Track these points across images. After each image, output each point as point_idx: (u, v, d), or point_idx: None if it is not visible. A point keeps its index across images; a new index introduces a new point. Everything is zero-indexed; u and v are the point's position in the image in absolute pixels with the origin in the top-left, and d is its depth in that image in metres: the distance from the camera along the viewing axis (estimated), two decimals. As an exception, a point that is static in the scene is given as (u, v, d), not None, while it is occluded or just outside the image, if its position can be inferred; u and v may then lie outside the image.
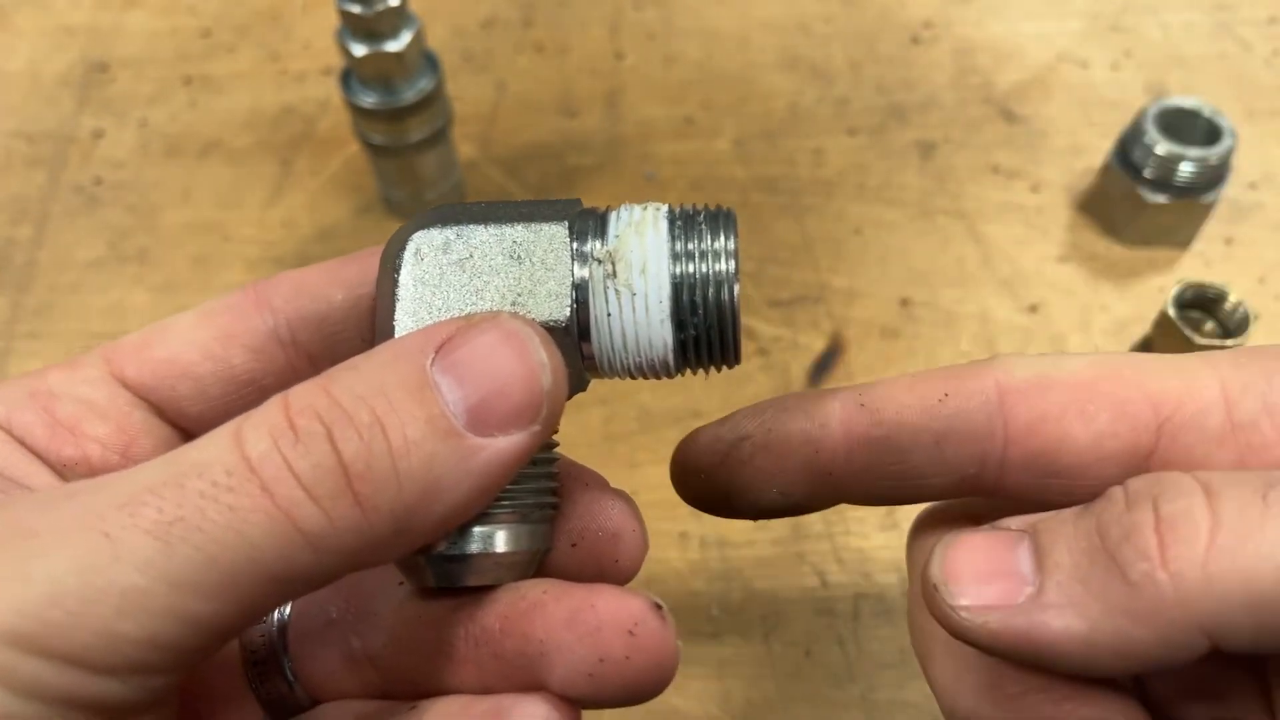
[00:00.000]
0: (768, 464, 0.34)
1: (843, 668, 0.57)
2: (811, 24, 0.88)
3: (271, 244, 0.75)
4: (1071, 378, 0.31)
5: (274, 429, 0.25)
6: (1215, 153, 0.68)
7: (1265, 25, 0.87)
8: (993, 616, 0.28)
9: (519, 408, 0.27)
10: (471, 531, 0.30)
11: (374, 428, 0.25)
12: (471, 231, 0.30)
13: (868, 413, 0.33)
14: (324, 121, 0.82)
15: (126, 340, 0.33)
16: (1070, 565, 0.27)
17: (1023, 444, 0.32)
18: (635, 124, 0.81)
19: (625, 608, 0.29)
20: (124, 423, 0.32)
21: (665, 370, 0.31)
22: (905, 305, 0.70)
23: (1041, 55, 0.85)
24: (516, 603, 0.30)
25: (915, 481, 0.33)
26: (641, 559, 0.33)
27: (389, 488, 0.25)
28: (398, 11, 0.64)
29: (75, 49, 0.87)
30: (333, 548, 0.25)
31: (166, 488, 0.24)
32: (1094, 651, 0.26)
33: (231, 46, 0.87)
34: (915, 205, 0.76)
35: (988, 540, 0.29)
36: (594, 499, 0.33)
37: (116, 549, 0.23)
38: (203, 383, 0.33)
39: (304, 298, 0.33)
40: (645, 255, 0.30)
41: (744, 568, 0.60)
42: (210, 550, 0.23)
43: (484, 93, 0.83)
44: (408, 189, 0.73)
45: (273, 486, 0.24)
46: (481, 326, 0.27)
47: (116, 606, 0.23)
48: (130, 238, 0.75)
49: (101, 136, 0.81)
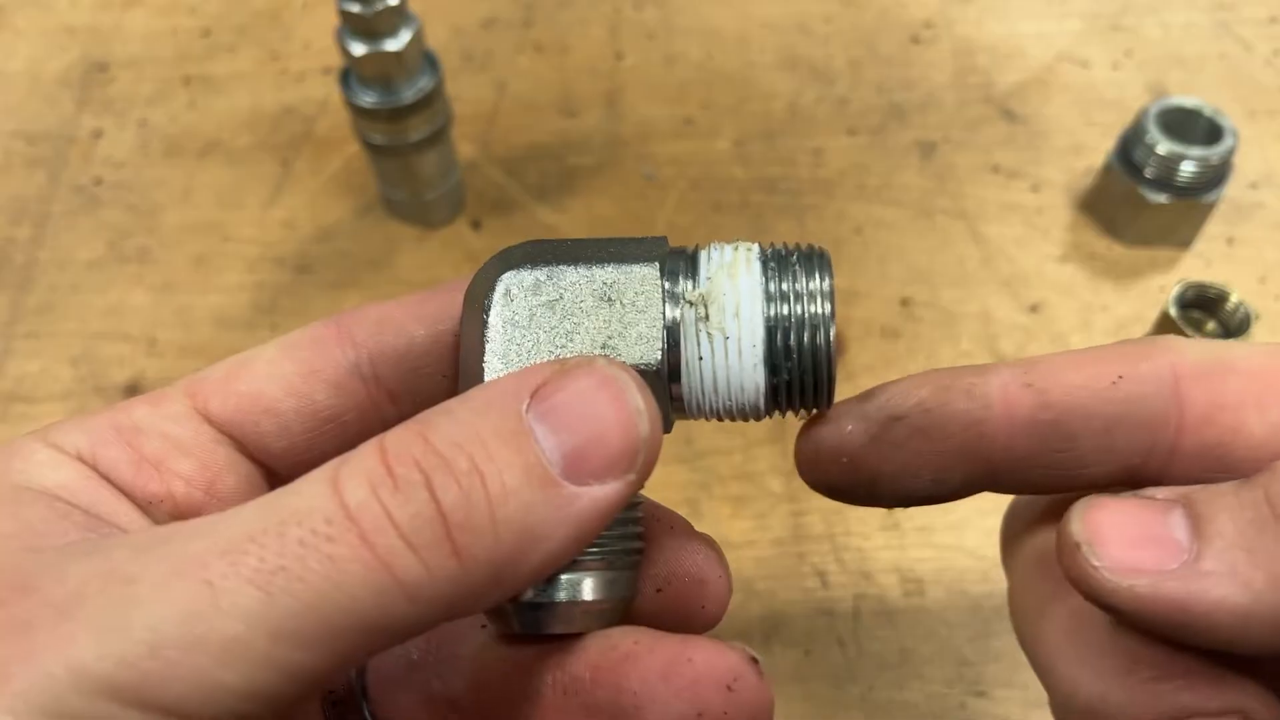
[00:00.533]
0: (924, 449, 0.31)
1: (843, 668, 0.57)
2: (811, 24, 0.88)
3: (271, 244, 0.75)
4: (1248, 365, 0.30)
5: (372, 476, 0.25)
6: (1216, 152, 0.68)
7: (1266, 25, 0.87)
8: (1142, 580, 0.26)
9: (616, 456, 0.26)
10: (559, 579, 0.29)
11: (472, 476, 0.25)
12: (561, 273, 0.30)
13: (1034, 394, 0.30)
14: (324, 121, 0.82)
15: (209, 373, 0.33)
16: (1234, 534, 0.26)
17: (1197, 434, 0.30)
18: (635, 124, 0.81)
19: (723, 661, 0.28)
20: (208, 459, 0.31)
21: (755, 413, 0.31)
22: (906, 305, 0.70)
23: (1042, 55, 0.85)
24: (608, 652, 0.29)
25: (1075, 470, 0.31)
26: (726, 605, 0.32)
27: (486, 537, 0.25)
28: (397, 11, 0.64)
29: (75, 49, 0.87)
30: (429, 598, 0.24)
31: (267, 535, 0.24)
32: (1252, 624, 0.26)
33: (231, 46, 0.87)
34: (915, 205, 0.75)
35: (1137, 505, 0.28)
36: (680, 544, 0.32)
37: (218, 598, 0.23)
38: (285, 419, 0.32)
39: (386, 333, 0.33)
40: (739, 298, 0.29)
41: (744, 568, 0.60)
42: (310, 600, 0.23)
43: (484, 93, 0.83)
44: (408, 189, 0.73)
45: (372, 536, 0.24)
46: (576, 373, 0.27)
47: (217, 657, 0.23)
48: (130, 238, 0.75)
49: (101, 136, 0.81)
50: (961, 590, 0.60)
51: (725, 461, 0.64)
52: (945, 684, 0.57)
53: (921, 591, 0.60)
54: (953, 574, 0.60)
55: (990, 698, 0.57)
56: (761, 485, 0.63)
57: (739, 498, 0.62)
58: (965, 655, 0.58)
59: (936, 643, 0.58)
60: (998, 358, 0.68)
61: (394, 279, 0.73)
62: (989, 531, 0.62)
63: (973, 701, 0.56)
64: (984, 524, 0.62)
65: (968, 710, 0.56)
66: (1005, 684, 0.57)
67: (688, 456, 0.63)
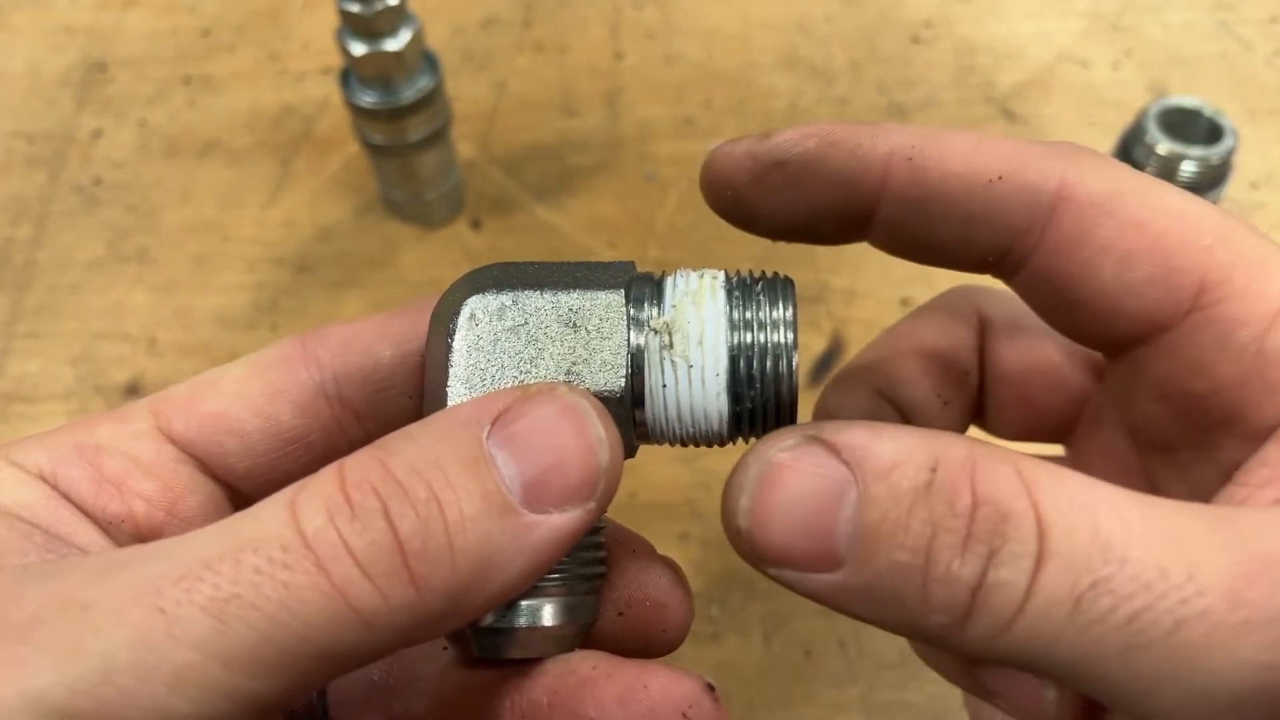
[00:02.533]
0: (800, 195, 0.32)
1: (843, 668, 0.57)
2: (811, 24, 0.88)
3: (271, 244, 0.75)
4: (1135, 215, 0.29)
5: (330, 503, 0.24)
6: (1217, 152, 0.68)
7: (1266, 25, 0.87)
8: None
9: (576, 484, 0.26)
10: (519, 605, 0.29)
11: (430, 504, 0.25)
12: (527, 297, 0.30)
13: (913, 169, 0.30)
14: (324, 121, 0.82)
15: (174, 392, 0.32)
16: None
17: (1050, 258, 0.30)
18: (635, 124, 0.81)
19: (679, 689, 0.28)
20: (170, 480, 0.31)
21: (718, 440, 0.31)
22: (906, 305, 0.70)
23: (1042, 55, 0.85)
24: (566, 677, 0.29)
25: (934, 249, 0.32)
26: (687, 628, 0.32)
27: (444, 566, 0.24)
28: (397, 11, 0.64)
29: (75, 49, 0.87)
30: (386, 625, 0.24)
31: (223, 562, 0.24)
32: None
33: (231, 46, 0.87)
34: (916, 205, 0.75)
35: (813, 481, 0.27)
36: (641, 568, 0.32)
37: (171, 625, 0.23)
38: (249, 439, 0.32)
39: (352, 353, 0.33)
40: (703, 327, 0.29)
41: (744, 568, 0.60)
42: (264, 628, 0.23)
43: (484, 92, 0.83)
44: (407, 189, 0.73)
45: (328, 565, 0.24)
46: (539, 399, 0.27)
47: (170, 684, 0.23)
48: (130, 238, 0.75)
49: (101, 136, 0.81)
50: (962, 590, 0.60)
51: (725, 462, 0.63)
52: (945, 684, 0.57)
53: (921, 591, 0.60)
54: (953, 574, 0.60)
55: (990, 698, 0.57)
56: (761, 485, 0.63)
57: (739, 498, 0.62)
58: (965, 655, 0.58)
59: (937, 643, 0.58)
60: (998, 358, 0.68)
61: (394, 279, 0.73)
62: (989, 531, 0.62)
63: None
64: (984, 524, 0.62)
65: (968, 710, 0.56)
66: (1005, 684, 0.57)
67: (688, 456, 0.63)
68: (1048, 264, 0.30)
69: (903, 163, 0.31)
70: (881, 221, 0.32)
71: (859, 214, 0.32)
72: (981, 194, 0.30)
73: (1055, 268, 0.30)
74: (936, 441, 0.25)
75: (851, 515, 0.25)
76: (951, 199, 0.30)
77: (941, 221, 0.31)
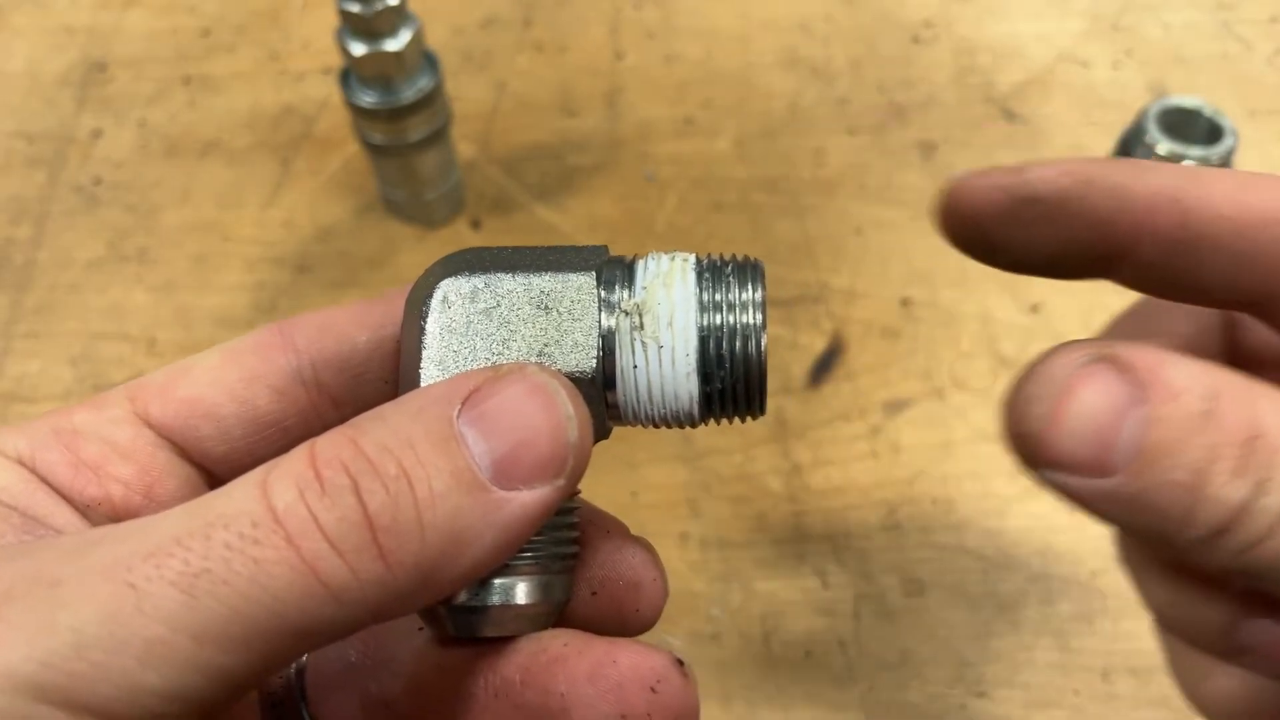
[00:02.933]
0: (1051, 233, 0.31)
1: (843, 668, 0.57)
2: (811, 24, 0.88)
3: (271, 244, 0.75)
4: None
5: (300, 480, 0.25)
6: (1217, 152, 0.68)
7: (1266, 24, 0.87)
8: None
9: (544, 461, 0.27)
10: (492, 583, 0.30)
11: (400, 480, 0.25)
12: (499, 280, 0.30)
13: (1179, 211, 0.30)
14: (324, 121, 0.82)
15: (151, 379, 0.33)
16: None
17: None
18: (635, 124, 0.81)
19: (648, 663, 0.29)
20: (148, 464, 0.32)
21: (689, 420, 0.31)
22: (906, 305, 0.70)
23: (1042, 55, 0.85)
24: (538, 655, 0.30)
25: (1195, 289, 0.31)
26: (661, 608, 0.32)
27: (413, 541, 0.25)
28: (397, 11, 0.64)
29: (75, 49, 0.87)
30: (356, 600, 0.25)
31: (193, 538, 0.24)
32: None
33: (231, 46, 0.87)
34: (916, 205, 0.75)
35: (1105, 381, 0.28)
36: (615, 547, 0.32)
37: (141, 600, 0.23)
38: (226, 424, 0.32)
39: (328, 338, 0.33)
40: (673, 308, 0.30)
41: (744, 568, 0.60)
42: (234, 603, 0.23)
43: (483, 92, 0.83)
44: (407, 189, 0.73)
45: (298, 540, 0.24)
46: (509, 378, 0.27)
47: (140, 658, 0.23)
48: (130, 238, 0.75)
49: (101, 136, 0.81)
50: (961, 590, 0.60)
51: (725, 461, 0.63)
52: (945, 684, 0.57)
53: (921, 591, 0.60)
54: (953, 574, 0.60)
55: (990, 698, 0.57)
56: (761, 485, 0.63)
57: (739, 498, 0.62)
58: (965, 655, 0.58)
59: (936, 643, 0.58)
60: (998, 358, 0.68)
61: (394, 279, 0.73)
62: (989, 532, 0.62)
63: (973, 702, 0.56)
64: (984, 524, 0.62)
65: (968, 710, 0.56)
66: (1005, 684, 0.57)
67: (688, 456, 0.63)
68: None
69: (1167, 203, 0.30)
70: (1138, 262, 0.32)
71: (1114, 253, 0.32)
72: (1250, 233, 0.30)
73: None
74: (1220, 374, 0.27)
75: (1135, 431, 0.26)
76: (1219, 240, 0.30)
77: (1209, 263, 0.30)
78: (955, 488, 0.63)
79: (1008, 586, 0.60)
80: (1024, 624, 0.59)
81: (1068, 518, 0.61)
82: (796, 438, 0.65)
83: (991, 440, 0.64)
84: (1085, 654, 0.58)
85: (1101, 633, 0.58)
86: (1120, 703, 0.57)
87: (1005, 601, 0.59)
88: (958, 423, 0.65)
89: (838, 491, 0.63)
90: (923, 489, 0.63)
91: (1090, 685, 0.57)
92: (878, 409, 0.66)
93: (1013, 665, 0.57)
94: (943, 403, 0.66)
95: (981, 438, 0.64)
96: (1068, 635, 0.58)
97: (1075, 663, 0.58)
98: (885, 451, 0.64)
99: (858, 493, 0.63)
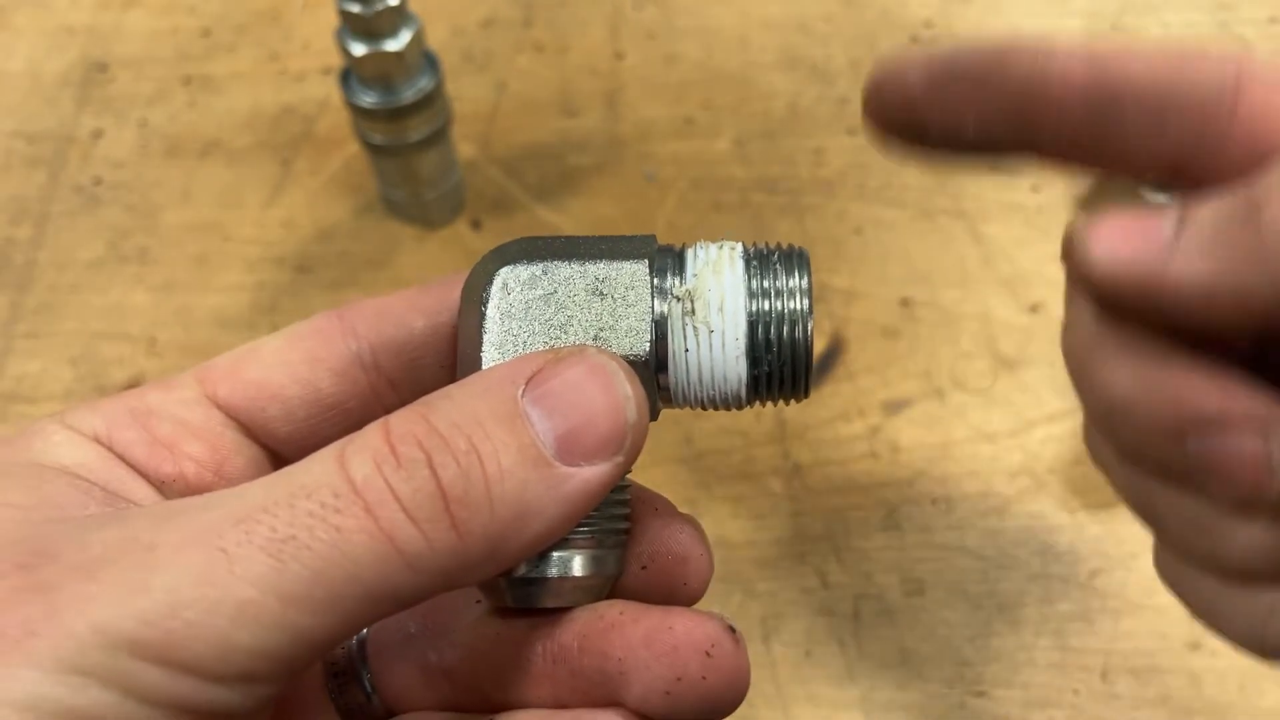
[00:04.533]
0: (977, 103, 0.32)
1: (843, 668, 0.57)
2: (811, 24, 0.88)
3: (271, 244, 0.75)
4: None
5: (377, 454, 0.26)
6: (1216, 152, 0.68)
7: (1266, 25, 0.87)
8: (1121, 260, 0.28)
9: (605, 439, 0.28)
10: (550, 556, 0.31)
11: (470, 455, 0.26)
12: (556, 268, 0.32)
13: (1094, 68, 0.31)
14: (324, 121, 0.82)
15: (219, 361, 0.34)
16: (1210, 222, 0.27)
17: (1248, 133, 0.30)
18: (635, 124, 0.81)
19: (702, 628, 0.30)
20: (217, 443, 0.33)
21: (736, 403, 0.32)
22: (906, 305, 0.70)
23: (1042, 55, 0.85)
24: (595, 622, 0.31)
25: (1121, 147, 0.32)
26: (708, 581, 0.34)
27: (483, 513, 0.26)
28: (397, 11, 0.64)
29: (75, 49, 0.87)
30: (429, 568, 0.26)
31: (279, 507, 0.25)
32: (1214, 304, 0.26)
33: (231, 46, 0.87)
34: (916, 205, 0.75)
35: (1141, 211, 0.29)
36: (664, 524, 0.33)
37: (233, 564, 0.24)
38: (290, 405, 0.34)
39: (386, 324, 0.34)
40: (723, 294, 0.31)
41: (744, 568, 0.60)
42: (318, 567, 0.25)
43: (484, 92, 0.83)
44: (408, 189, 0.73)
45: (376, 509, 0.25)
46: (569, 360, 0.28)
47: (232, 618, 0.24)
48: (130, 238, 0.75)
49: (101, 136, 0.81)
50: (961, 590, 0.60)
51: (725, 461, 0.64)
52: (945, 684, 0.57)
53: (921, 591, 0.60)
54: (953, 574, 0.60)
55: (990, 698, 0.57)
56: (761, 485, 0.63)
57: (739, 498, 0.63)
58: (965, 655, 0.58)
59: (936, 643, 0.58)
60: (998, 358, 0.68)
61: (394, 279, 0.73)
62: (989, 531, 0.62)
63: (973, 701, 0.57)
64: (984, 524, 0.62)
65: (967, 710, 0.56)
66: (1005, 684, 0.57)
67: (688, 456, 0.63)
68: (1248, 145, 0.30)
69: (1083, 62, 0.31)
70: (1059, 130, 0.32)
71: (1034, 122, 0.32)
72: (1169, 76, 0.30)
73: (1258, 146, 0.29)
74: None
75: None
76: (1141, 86, 0.30)
77: (1131, 115, 0.31)
78: (955, 488, 0.63)
79: (1007, 586, 0.60)
80: (1023, 624, 0.59)
81: (1068, 517, 0.61)
82: (796, 438, 0.65)
83: (991, 440, 0.64)
84: (1084, 654, 0.58)
85: (1101, 633, 0.58)
86: (1120, 703, 0.57)
87: (1005, 601, 0.59)
88: (958, 423, 0.65)
89: (838, 491, 0.63)
90: (923, 489, 0.63)
91: (1089, 685, 0.57)
92: (878, 409, 0.66)
93: (1012, 665, 0.57)
94: (942, 403, 0.66)
95: (981, 438, 0.64)
96: (1067, 635, 0.58)
97: (1074, 662, 0.58)
98: (885, 451, 0.64)
99: (858, 493, 0.63)
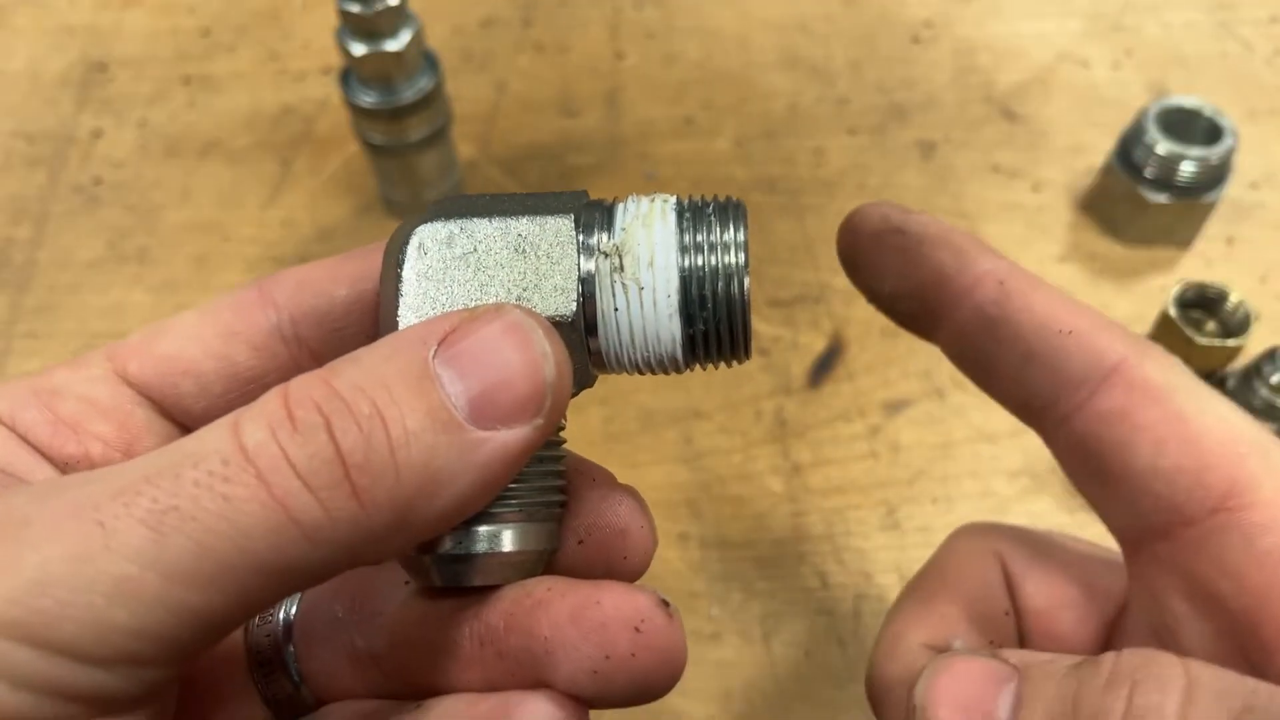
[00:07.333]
0: (901, 265, 0.35)
1: (843, 668, 0.57)
2: (811, 24, 0.88)
3: (271, 244, 0.75)
4: (1180, 409, 0.31)
5: (272, 419, 0.25)
6: (1216, 152, 0.68)
7: (1266, 25, 0.87)
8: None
9: (522, 400, 0.26)
10: (477, 531, 0.29)
11: (373, 419, 0.25)
12: (476, 225, 0.30)
13: (1000, 291, 0.33)
14: (324, 121, 0.82)
15: (131, 338, 0.33)
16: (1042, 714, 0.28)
17: (1090, 423, 0.32)
18: (635, 124, 0.81)
19: (631, 603, 0.28)
20: (127, 421, 0.32)
21: (674, 365, 0.31)
22: (906, 305, 0.70)
23: (1042, 55, 0.85)
24: (521, 600, 0.29)
25: (993, 375, 0.34)
26: (650, 555, 0.32)
27: (387, 479, 0.25)
28: (397, 11, 0.64)
29: (75, 49, 0.87)
30: (329, 540, 0.24)
31: (162, 477, 0.24)
32: None
33: (231, 46, 0.87)
34: (916, 205, 0.75)
35: (979, 670, 0.29)
36: (601, 495, 0.32)
37: (108, 538, 0.23)
38: (205, 380, 0.32)
39: (307, 294, 0.33)
40: (653, 248, 0.29)
41: (744, 568, 0.60)
42: (204, 540, 0.23)
43: (484, 92, 0.83)
44: (407, 189, 0.73)
45: (268, 476, 0.24)
46: (484, 318, 0.27)
47: (107, 595, 0.23)
48: (130, 238, 0.75)
49: (101, 136, 0.81)
50: (961, 590, 0.60)
51: (725, 461, 0.63)
52: (945, 684, 0.57)
53: (921, 591, 0.60)
54: (953, 574, 0.60)
55: (990, 698, 0.57)
56: (761, 485, 0.63)
57: (739, 498, 0.62)
58: (965, 655, 0.58)
59: (936, 643, 0.58)
60: (998, 358, 0.68)
61: (394, 279, 0.73)
62: (989, 531, 0.62)
63: (973, 701, 0.56)
64: (984, 524, 0.62)
65: (968, 710, 0.56)
66: (1005, 684, 0.57)
67: (688, 456, 0.63)
68: (1087, 429, 0.32)
69: (993, 283, 0.34)
70: (955, 328, 0.34)
71: (940, 308, 0.34)
72: (1049, 339, 0.33)
73: (1093, 434, 0.32)
74: None
75: None
76: (1022, 331, 0.33)
77: (1008, 349, 0.33)
78: (955, 488, 0.63)
79: (1007, 586, 0.60)
80: (1024, 624, 0.59)
81: (1068, 517, 0.61)
82: (796, 438, 0.65)
83: (991, 440, 0.64)
84: (1085, 654, 0.58)
85: (1101, 632, 0.58)
86: (1120, 702, 0.56)
87: (1005, 601, 0.59)
88: (957, 423, 0.65)
89: (838, 491, 0.63)
90: (923, 489, 0.63)
91: (1090, 685, 0.57)
92: (877, 409, 0.66)
93: (1012, 665, 0.57)
94: (942, 403, 0.66)
95: (981, 438, 0.64)
96: (1067, 635, 0.58)
97: (1075, 662, 0.58)
98: (885, 451, 0.64)
99: (858, 493, 0.63)
